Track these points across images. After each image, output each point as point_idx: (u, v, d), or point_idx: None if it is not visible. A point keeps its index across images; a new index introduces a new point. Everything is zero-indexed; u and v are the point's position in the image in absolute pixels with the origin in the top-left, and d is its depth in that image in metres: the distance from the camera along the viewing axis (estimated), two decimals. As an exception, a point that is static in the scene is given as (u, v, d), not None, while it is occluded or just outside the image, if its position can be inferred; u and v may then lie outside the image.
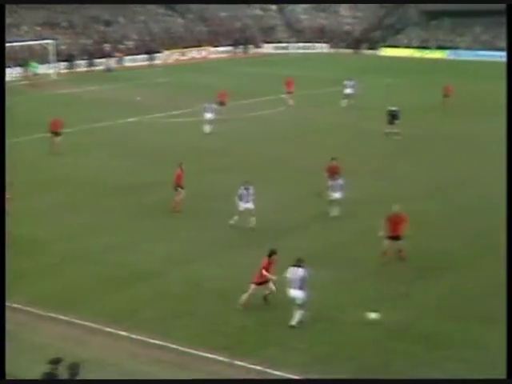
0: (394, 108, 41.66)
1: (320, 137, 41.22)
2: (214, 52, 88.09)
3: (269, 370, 16.13)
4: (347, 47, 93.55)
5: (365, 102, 50.60)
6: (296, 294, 18.07)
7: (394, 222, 22.53)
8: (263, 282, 19.19)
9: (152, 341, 17.37)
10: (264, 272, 19.06)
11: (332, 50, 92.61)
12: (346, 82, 52.36)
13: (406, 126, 40.70)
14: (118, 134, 41.92)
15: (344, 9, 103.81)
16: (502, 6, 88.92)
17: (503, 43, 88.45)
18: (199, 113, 43.43)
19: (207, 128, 41.97)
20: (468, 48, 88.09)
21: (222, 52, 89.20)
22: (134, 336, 17.55)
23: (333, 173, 27.77)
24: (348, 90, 51.80)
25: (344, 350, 17.20)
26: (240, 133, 42.24)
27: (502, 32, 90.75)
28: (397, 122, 40.88)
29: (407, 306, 19.51)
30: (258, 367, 16.25)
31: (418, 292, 20.45)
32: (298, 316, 18.03)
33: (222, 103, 45.58)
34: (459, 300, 19.98)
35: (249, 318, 18.64)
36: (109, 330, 17.95)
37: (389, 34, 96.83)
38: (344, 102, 51.08)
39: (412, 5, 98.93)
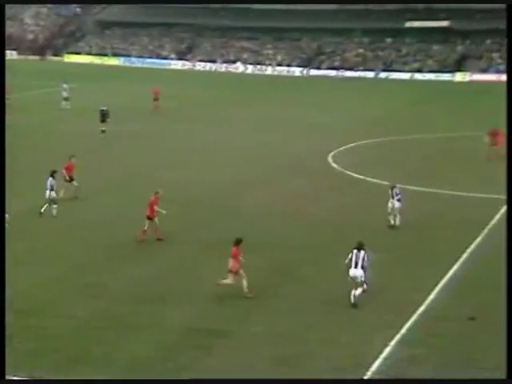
0: (104, 108, 40.81)
1: (41, 140, 39.32)
2: None
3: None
4: (34, 54, 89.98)
5: (75, 103, 49.76)
6: None
7: (150, 204, 22.50)
8: (237, 270, 17.90)
9: None
10: (236, 261, 17.84)
11: (20, 57, 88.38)
12: (63, 86, 50.71)
13: (114, 125, 40.60)
14: None
15: (28, 17, 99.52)
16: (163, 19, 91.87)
17: (165, 52, 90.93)
18: None
19: None
20: (138, 56, 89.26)
21: None
22: None
23: (70, 170, 26.87)
24: (65, 94, 50.35)
25: (49, 344, 16.64)
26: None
27: (165, 42, 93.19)
28: (108, 120, 40.18)
29: (102, 296, 19.22)
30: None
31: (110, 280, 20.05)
32: None
33: None
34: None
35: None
36: None
37: (71, 42, 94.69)
38: (65, 104, 49.78)
39: (88, 14, 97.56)
